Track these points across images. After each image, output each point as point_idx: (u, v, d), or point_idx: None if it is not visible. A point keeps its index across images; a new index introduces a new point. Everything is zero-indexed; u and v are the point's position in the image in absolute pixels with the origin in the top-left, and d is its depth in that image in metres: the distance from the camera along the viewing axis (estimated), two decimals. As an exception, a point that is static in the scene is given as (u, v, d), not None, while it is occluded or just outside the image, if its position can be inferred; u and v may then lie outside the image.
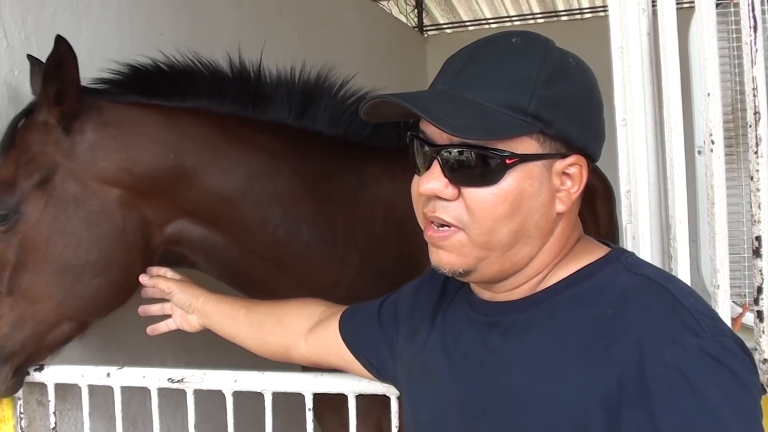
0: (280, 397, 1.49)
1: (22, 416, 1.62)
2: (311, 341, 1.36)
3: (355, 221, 1.72)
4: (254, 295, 1.70)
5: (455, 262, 0.94)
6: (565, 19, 5.84)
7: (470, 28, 6.11)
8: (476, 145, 0.88)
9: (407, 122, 1.00)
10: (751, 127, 1.26)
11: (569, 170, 0.93)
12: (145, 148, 1.50)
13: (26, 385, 1.59)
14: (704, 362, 0.79)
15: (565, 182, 0.93)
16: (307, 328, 1.37)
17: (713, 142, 1.28)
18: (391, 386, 1.31)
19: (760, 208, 1.25)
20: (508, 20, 6.17)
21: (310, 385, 1.44)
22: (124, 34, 2.07)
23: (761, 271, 1.26)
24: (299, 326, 1.38)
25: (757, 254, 1.27)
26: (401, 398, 1.17)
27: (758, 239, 1.26)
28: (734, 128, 1.54)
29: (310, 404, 1.45)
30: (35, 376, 1.58)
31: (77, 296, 1.47)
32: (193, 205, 1.55)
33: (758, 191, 1.25)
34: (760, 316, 1.27)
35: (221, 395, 1.49)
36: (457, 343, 1.03)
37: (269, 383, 1.46)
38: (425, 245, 0.98)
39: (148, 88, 1.56)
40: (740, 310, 1.50)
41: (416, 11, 5.96)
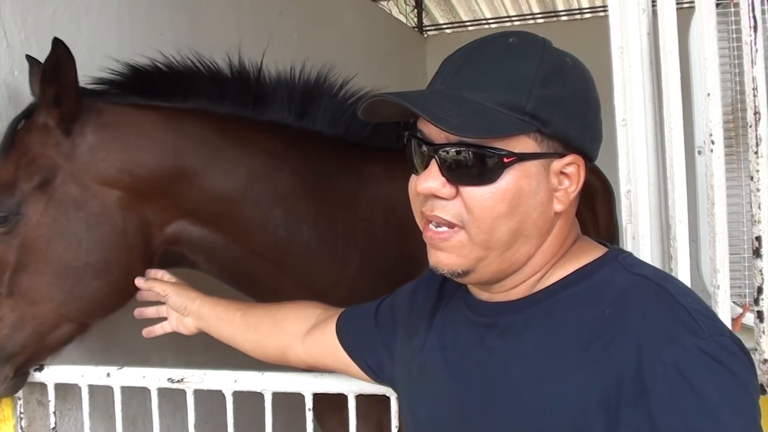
0: (280, 397, 1.49)
1: (22, 416, 1.62)
2: (308, 344, 1.35)
3: (355, 221, 1.72)
4: (254, 295, 1.70)
5: (454, 263, 0.93)
6: (565, 19, 5.84)
7: (470, 28, 6.11)
8: (474, 143, 0.88)
9: (407, 122, 1.00)
10: (751, 127, 1.26)
11: (567, 170, 0.93)
12: (145, 149, 1.50)
13: (26, 385, 1.59)
14: (703, 362, 0.79)
15: (562, 182, 0.93)
16: (303, 330, 1.37)
17: (713, 142, 1.28)
18: (391, 386, 1.31)
19: (760, 208, 1.25)
20: (507, 20, 6.17)
21: (310, 385, 1.44)
22: (123, 34, 2.07)
23: (761, 271, 1.26)
24: (296, 329, 1.38)
25: (757, 254, 1.27)
26: (399, 400, 1.17)
27: (758, 239, 1.26)
28: (734, 128, 1.54)
29: (310, 404, 1.45)
30: (35, 376, 1.58)
31: (78, 297, 1.47)
32: (193, 205, 1.55)
33: (758, 191, 1.25)
34: (760, 316, 1.27)
35: (221, 395, 1.49)
36: (455, 343, 1.03)
37: (269, 383, 1.46)
38: (425, 245, 0.98)
39: (147, 89, 1.56)
40: (740, 310, 1.50)
41: (416, 11, 5.96)
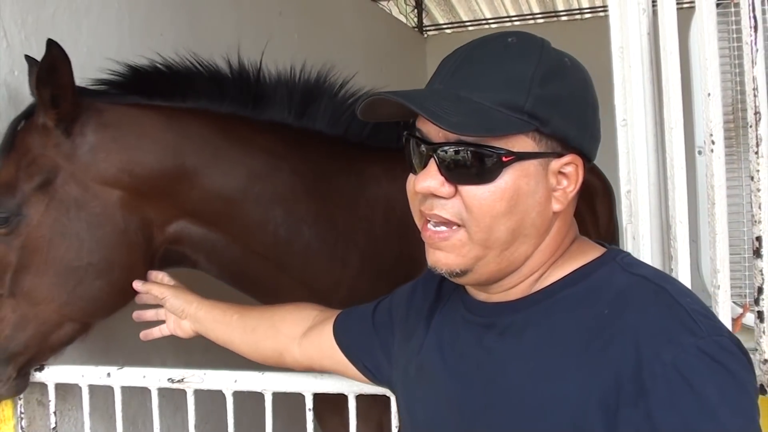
0: (280, 397, 1.48)
1: (22, 416, 1.62)
2: (305, 345, 1.35)
3: (355, 221, 1.72)
4: (255, 295, 1.70)
5: (453, 262, 0.93)
6: (565, 19, 5.84)
7: (470, 28, 6.11)
8: (472, 142, 0.88)
9: (407, 122, 1.00)
10: (751, 127, 1.25)
11: (565, 169, 0.93)
12: (145, 149, 1.50)
13: (26, 385, 1.59)
14: (702, 361, 0.79)
15: (561, 181, 0.93)
16: (300, 332, 1.37)
17: (713, 142, 1.28)
18: (391, 386, 1.31)
19: (760, 208, 1.25)
20: (508, 20, 6.17)
21: (310, 385, 1.44)
22: (123, 34, 2.06)
23: (761, 271, 1.26)
24: (293, 331, 1.38)
25: (757, 254, 1.27)
26: (397, 401, 1.17)
27: (759, 239, 1.26)
28: (735, 128, 1.54)
29: (310, 404, 1.45)
30: (36, 376, 1.58)
31: (80, 298, 1.47)
32: (193, 205, 1.55)
33: (759, 191, 1.25)
34: (760, 316, 1.27)
35: (221, 395, 1.49)
36: (453, 344, 1.03)
37: (269, 383, 1.46)
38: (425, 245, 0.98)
39: (147, 89, 1.56)
40: (741, 310, 1.50)
41: (416, 11, 5.96)
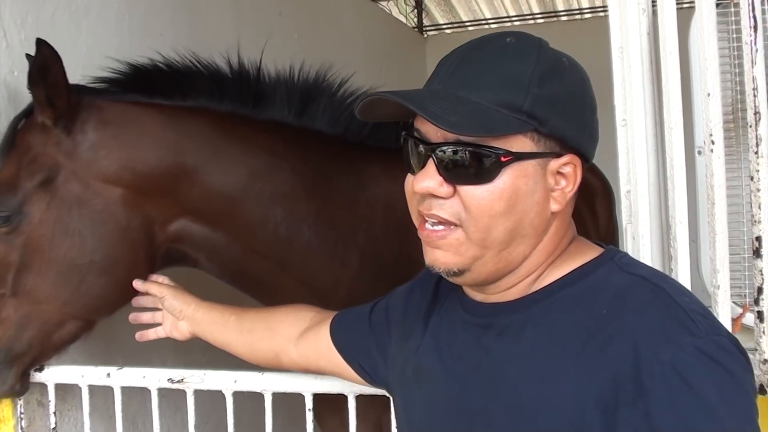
0: (280, 397, 1.48)
1: (22, 416, 1.62)
2: (301, 346, 1.35)
3: (355, 221, 1.72)
4: (255, 294, 1.71)
5: (451, 261, 0.93)
6: (564, 19, 5.85)
7: (470, 28, 6.11)
8: (471, 142, 0.88)
9: (406, 122, 1.00)
10: (751, 127, 1.25)
11: (563, 169, 0.92)
12: (146, 147, 1.50)
13: (26, 385, 1.59)
14: (700, 361, 0.79)
15: (559, 181, 0.93)
16: (297, 333, 1.36)
17: (713, 142, 1.28)
18: (391, 386, 1.31)
19: (760, 208, 1.25)
20: (507, 20, 6.17)
21: (310, 385, 1.44)
22: (123, 34, 2.06)
23: (761, 271, 1.26)
24: (290, 332, 1.38)
25: (757, 254, 1.27)
26: (394, 402, 1.16)
27: (758, 239, 1.26)
28: (734, 128, 1.54)
29: (310, 405, 1.45)
30: (35, 376, 1.58)
31: (83, 295, 1.47)
32: (194, 203, 1.55)
33: (758, 191, 1.25)
34: (760, 316, 1.27)
35: (221, 395, 1.49)
36: (451, 345, 1.03)
37: (269, 383, 1.46)
38: None
39: (148, 87, 1.56)
40: (740, 310, 1.50)
41: (416, 11, 5.96)
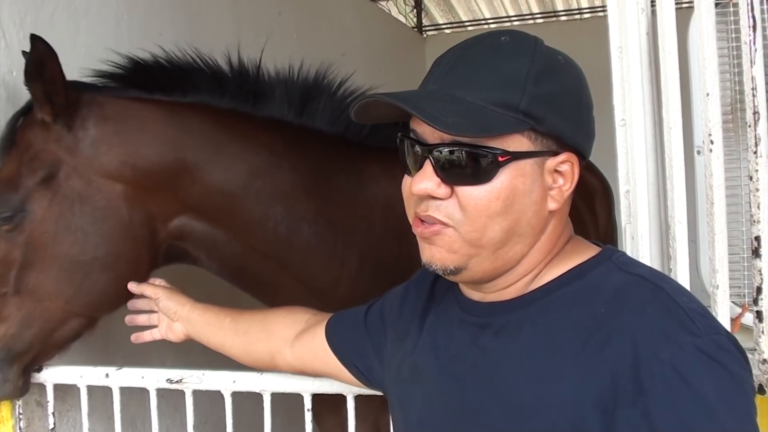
0: (278, 397, 1.48)
1: (21, 417, 1.62)
2: (297, 348, 1.35)
3: (354, 220, 1.72)
4: (254, 292, 1.71)
5: (446, 258, 0.93)
6: (564, 19, 5.85)
7: (469, 28, 6.12)
8: (468, 143, 0.88)
9: (406, 122, 1.00)
10: (750, 127, 1.25)
11: (561, 168, 0.92)
12: (147, 143, 1.51)
13: (25, 385, 1.58)
14: (700, 360, 0.79)
15: (557, 180, 0.93)
16: (293, 335, 1.36)
17: (712, 142, 1.28)
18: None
19: (759, 208, 1.25)
20: (507, 20, 6.17)
21: (308, 385, 1.44)
22: (122, 34, 2.06)
23: (760, 271, 1.26)
24: (285, 333, 1.37)
25: (756, 254, 1.27)
26: (389, 403, 1.16)
27: (757, 239, 1.26)
28: (733, 128, 1.54)
29: (308, 405, 1.45)
30: (34, 376, 1.57)
31: (86, 292, 1.47)
32: (195, 200, 1.55)
33: (757, 191, 1.25)
34: (759, 316, 1.27)
35: (220, 396, 1.49)
36: (448, 344, 1.03)
37: (268, 384, 1.46)
38: None
39: (148, 82, 1.56)
40: (739, 310, 1.50)
41: (415, 11, 5.97)
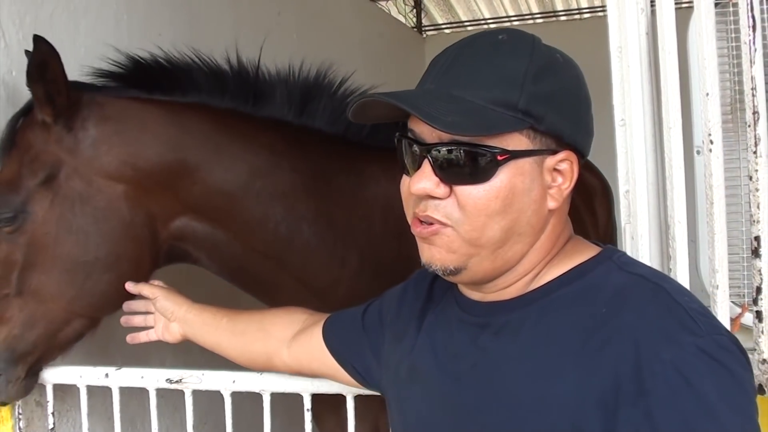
0: (278, 397, 1.48)
1: (20, 417, 1.62)
2: (294, 348, 1.34)
3: (354, 220, 1.72)
4: (254, 292, 1.71)
5: (446, 258, 0.93)
6: (564, 19, 5.85)
7: (469, 28, 6.12)
8: (467, 142, 0.87)
9: (405, 122, 1.00)
10: (750, 126, 1.25)
11: (560, 166, 0.92)
12: (147, 143, 1.51)
13: (25, 385, 1.58)
14: (701, 360, 0.79)
15: (556, 178, 0.92)
16: (290, 335, 1.36)
17: (712, 142, 1.28)
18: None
19: (759, 208, 1.25)
20: (507, 20, 6.17)
21: (308, 385, 1.44)
22: (122, 34, 2.06)
23: (760, 271, 1.26)
24: (282, 334, 1.37)
25: (756, 254, 1.27)
26: (387, 403, 1.15)
27: (757, 239, 1.26)
28: (733, 128, 1.54)
29: (308, 405, 1.45)
30: (33, 376, 1.58)
31: (88, 293, 1.47)
32: (196, 201, 1.55)
33: (757, 191, 1.25)
34: (759, 316, 1.27)
35: (220, 396, 1.49)
36: (447, 344, 1.02)
37: (268, 384, 1.46)
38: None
39: (148, 82, 1.56)
40: (739, 310, 1.50)
41: (415, 11, 5.97)
